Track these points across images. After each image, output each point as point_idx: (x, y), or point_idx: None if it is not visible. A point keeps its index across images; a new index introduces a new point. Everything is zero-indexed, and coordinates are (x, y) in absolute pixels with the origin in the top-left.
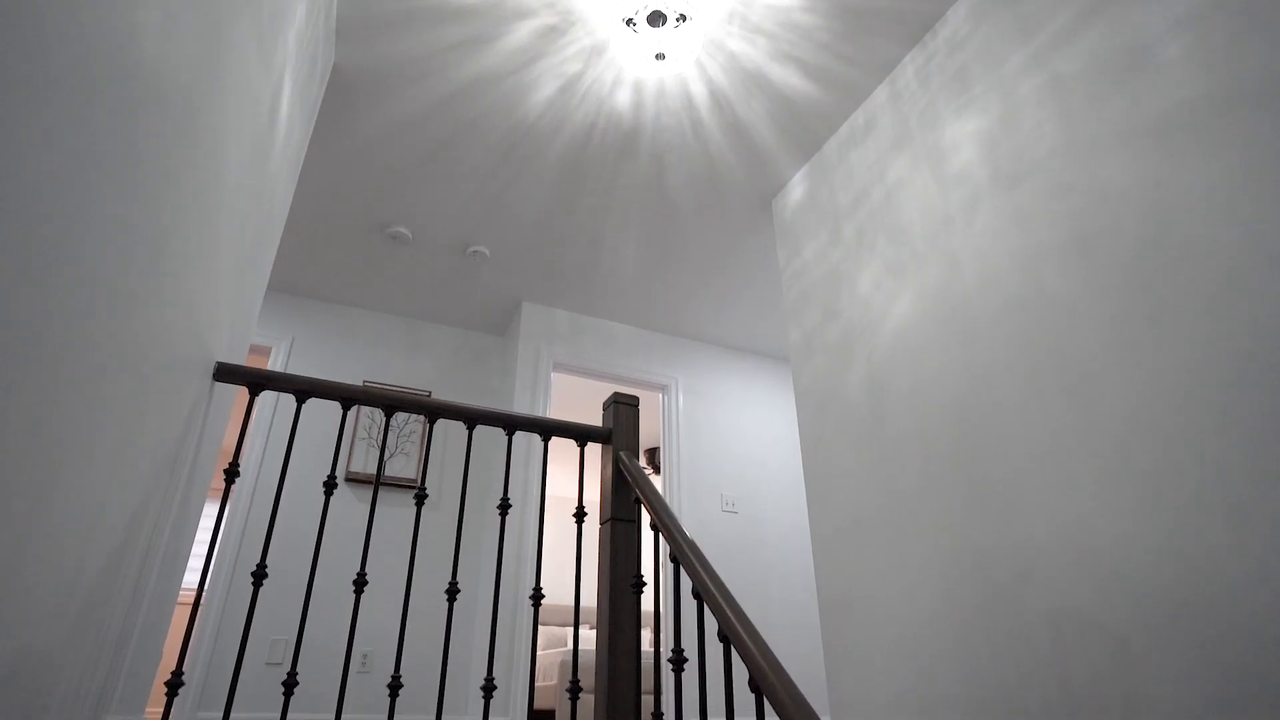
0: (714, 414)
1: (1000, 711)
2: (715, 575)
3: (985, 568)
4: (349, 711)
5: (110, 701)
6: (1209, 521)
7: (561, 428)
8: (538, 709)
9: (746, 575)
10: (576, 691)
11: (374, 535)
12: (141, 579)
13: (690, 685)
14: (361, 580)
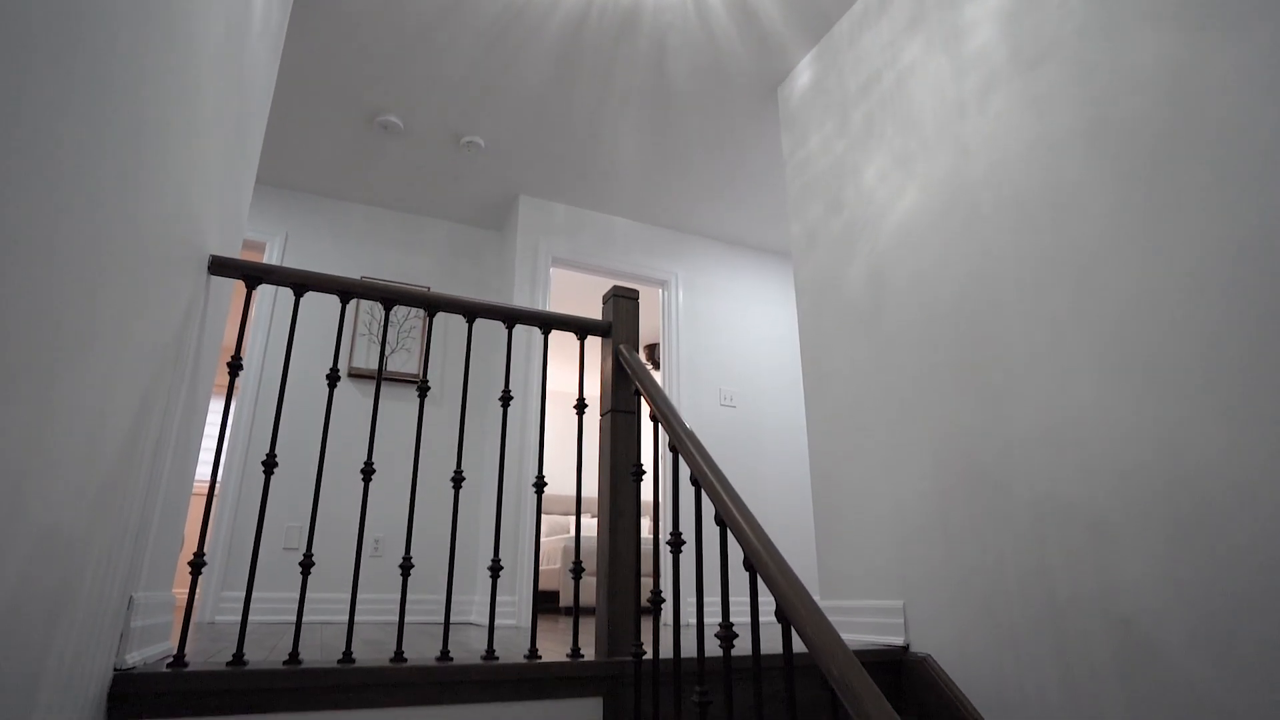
0: (714, 310)
1: (980, 591)
2: (712, 463)
3: (975, 455)
4: (364, 591)
5: (138, 579)
6: (1204, 416)
7: (561, 321)
8: (542, 590)
9: (743, 466)
10: (579, 572)
11: (380, 430)
12: (156, 466)
13: (688, 567)
14: (369, 469)
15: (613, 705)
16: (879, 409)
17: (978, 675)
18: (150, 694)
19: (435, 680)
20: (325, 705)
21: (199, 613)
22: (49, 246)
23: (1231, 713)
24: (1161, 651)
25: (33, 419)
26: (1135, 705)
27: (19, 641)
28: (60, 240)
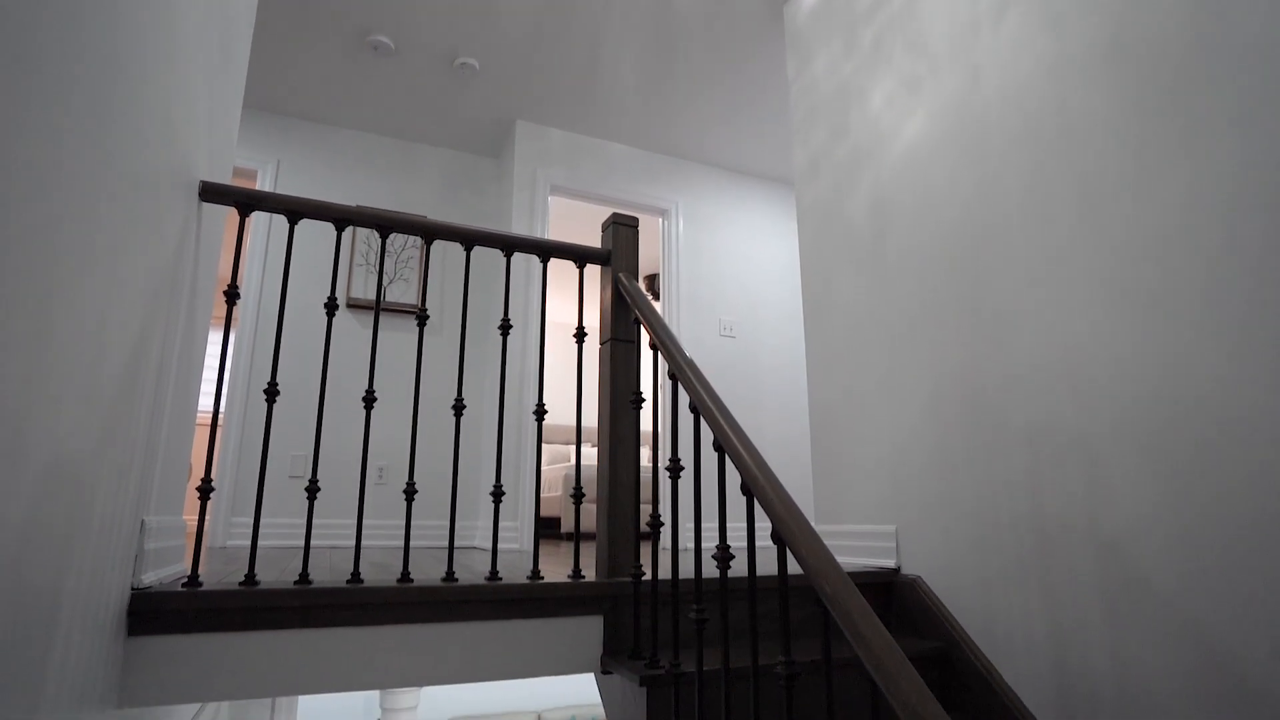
0: (715, 239)
1: (971, 516)
2: (711, 390)
3: (972, 384)
4: (370, 517)
5: (149, 504)
6: (1205, 348)
7: (560, 249)
8: (544, 517)
9: (741, 396)
10: (579, 498)
11: (381, 360)
12: (158, 395)
13: (686, 494)
14: (370, 397)
15: (613, 623)
16: (879, 338)
17: (965, 596)
18: (167, 611)
19: (441, 600)
20: (335, 623)
21: (210, 538)
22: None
23: (1207, 628)
24: (1149, 579)
25: (34, 345)
26: (1117, 628)
27: (38, 561)
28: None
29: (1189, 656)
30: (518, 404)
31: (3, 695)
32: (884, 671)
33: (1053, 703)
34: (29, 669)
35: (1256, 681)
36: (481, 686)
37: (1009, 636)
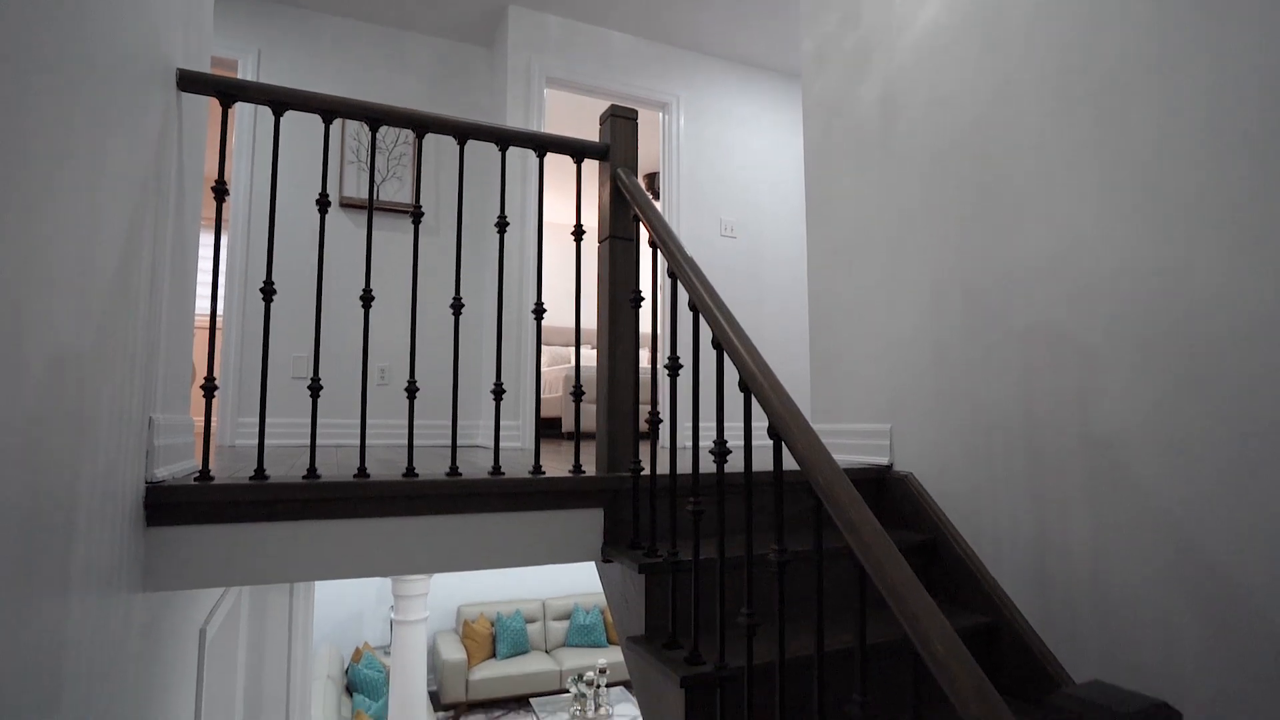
0: (717, 136)
1: (964, 414)
2: (711, 288)
3: (974, 283)
4: (373, 417)
5: (154, 402)
6: (1212, 251)
7: (556, 143)
8: (544, 417)
9: (741, 296)
10: (579, 395)
11: (378, 262)
12: (154, 294)
13: (685, 394)
14: (367, 295)
15: (613, 515)
16: (881, 237)
17: (954, 491)
18: (182, 504)
19: (446, 493)
20: (344, 515)
21: (218, 437)
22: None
23: (1187, 527)
24: (1136, 479)
25: (21, 244)
26: (1100, 523)
27: (52, 452)
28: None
29: (1167, 553)
30: (517, 303)
31: (36, 576)
32: (872, 558)
33: (1031, 590)
34: (57, 554)
35: (1232, 578)
36: (489, 576)
37: (994, 530)
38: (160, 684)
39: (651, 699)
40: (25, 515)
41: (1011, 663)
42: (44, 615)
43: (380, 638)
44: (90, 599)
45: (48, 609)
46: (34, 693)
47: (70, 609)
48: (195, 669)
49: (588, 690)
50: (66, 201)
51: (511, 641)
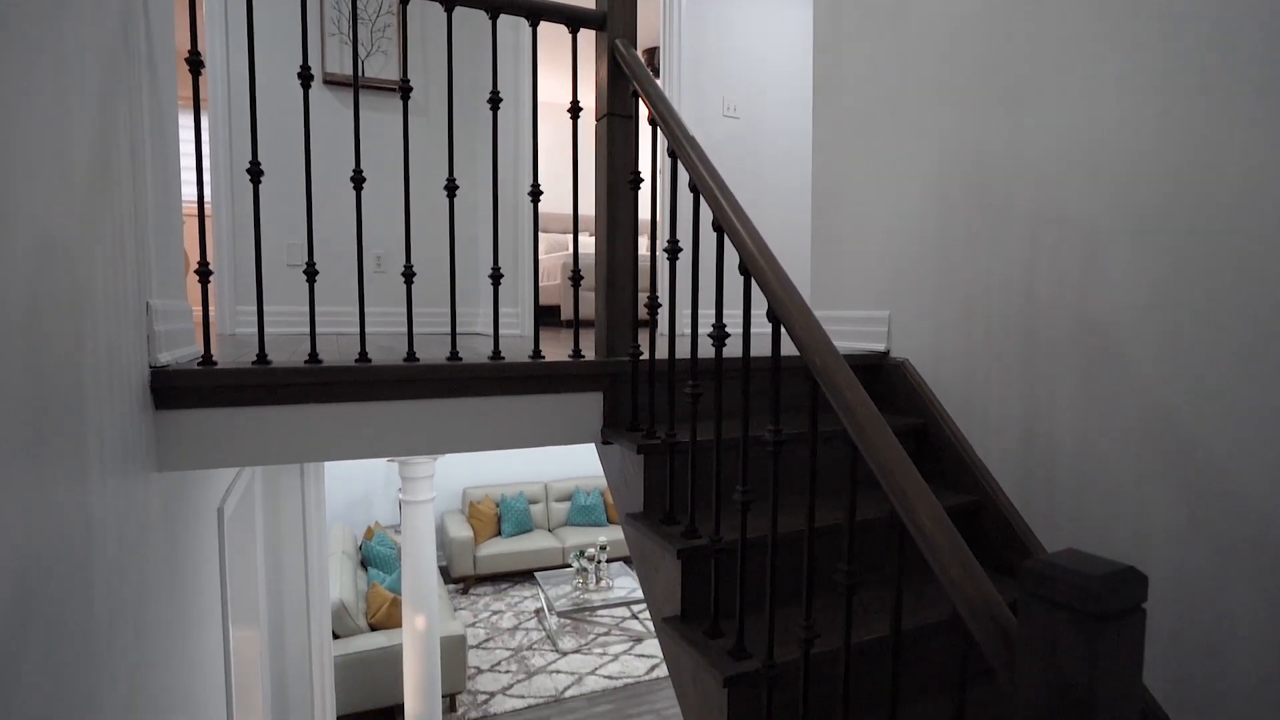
0: (721, 8)
1: (963, 301)
2: (712, 168)
3: (982, 167)
4: (371, 305)
5: (150, 287)
6: (1236, 144)
7: (550, 9)
8: (543, 305)
9: (743, 179)
10: (578, 280)
11: (368, 146)
12: (136, 174)
13: (684, 279)
14: (358, 176)
15: (612, 399)
16: (890, 119)
17: (948, 377)
18: (188, 388)
19: (447, 377)
20: (347, 399)
21: (218, 325)
22: None
23: (1174, 411)
24: (1129, 365)
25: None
26: (1089, 407)
27: (51, 341)
28: None
29: (1151, 436)
30: (512, 186)
31: (52, 456)
32: (865, 438)
33: (1016, 472)
34: (70, 435)
35: (1213, 461)
36: (492, 461)
37: (985, 414)
38: (186, 559)
39: (650, 570)
40: (31, 397)
41: (993, 539)
42: (67, 493)
43: (390, 517)
44: (109, 478)
45: (69, 487)
46: (68, 563)
47: (90, 487)
48: (217, 545)
49: (589, 565)
50: (29, 85)
51: (515, 521)
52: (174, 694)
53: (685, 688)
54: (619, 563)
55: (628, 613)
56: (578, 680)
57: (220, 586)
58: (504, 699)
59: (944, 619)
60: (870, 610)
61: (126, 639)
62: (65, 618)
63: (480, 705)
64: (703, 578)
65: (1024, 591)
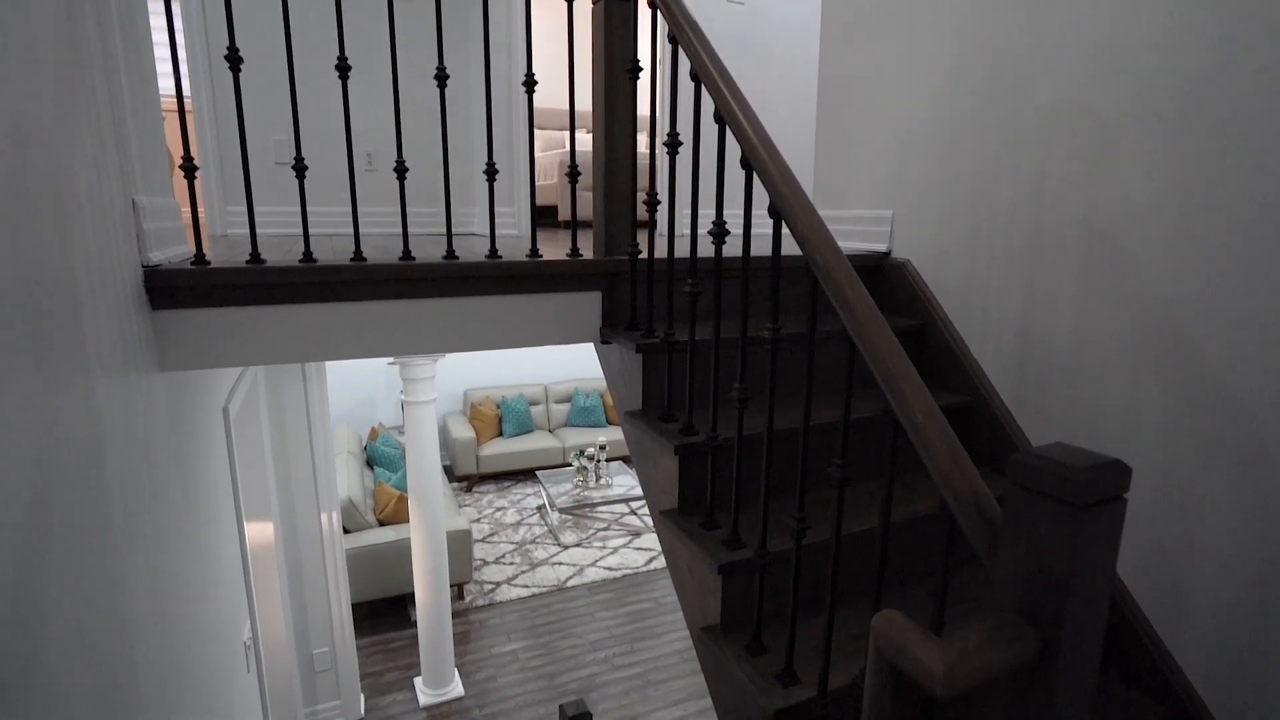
0: None
1: (968, 200)
2: (714, 54)
3: (1000, 58)
4: (364, 205)
5: (134, 183)
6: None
7: None
8: (540, 205)
9: (747, 70)
10: (575, 176)
11: (353, 39)
12: (109, 60)
13: (684, 175)
14: (343, 64)
15: (610, 299)
16: (904, 8)
17: (949, 278)
18: (182, 287)
19: (443, 275)
20: (343, 298)
21: (209, 226)
22: None
23: (1177, 308)
24: (1135, 263)
25: None
26: (1089, 307)
27: (36, 238)
28: None
29: (1150, 339)
30: (506, 79)
31: (53, 356)
32: (863, 334)
33: (1010, 373)
34: (69, 335)
35: (1207, 362)
36: (492, 364)
37: (983, 315)
38: (196, 457)
39: (648, 466)
40: (26, 302)
41: (984, 438)
42: (72, 394)
43: (393, 419)
44: (112, 379)
45: (74, 388)
46: (81, 461)
47: (95, 388)
48: (225, 443)
49: (589, 464)
50: None
51: (516, 422)
52: (194, 583)
53: (682, 576)
54: (618, 462)
55: (626, 509)
56: (579, 571)
57: (231, 483)
58: (509, 588)
59: (931, 512)
60: (861, 504)
61: (145, 532)
62: (83, 513)
63: (487, 594)
64: (699, 473)
65: (1011, 482)
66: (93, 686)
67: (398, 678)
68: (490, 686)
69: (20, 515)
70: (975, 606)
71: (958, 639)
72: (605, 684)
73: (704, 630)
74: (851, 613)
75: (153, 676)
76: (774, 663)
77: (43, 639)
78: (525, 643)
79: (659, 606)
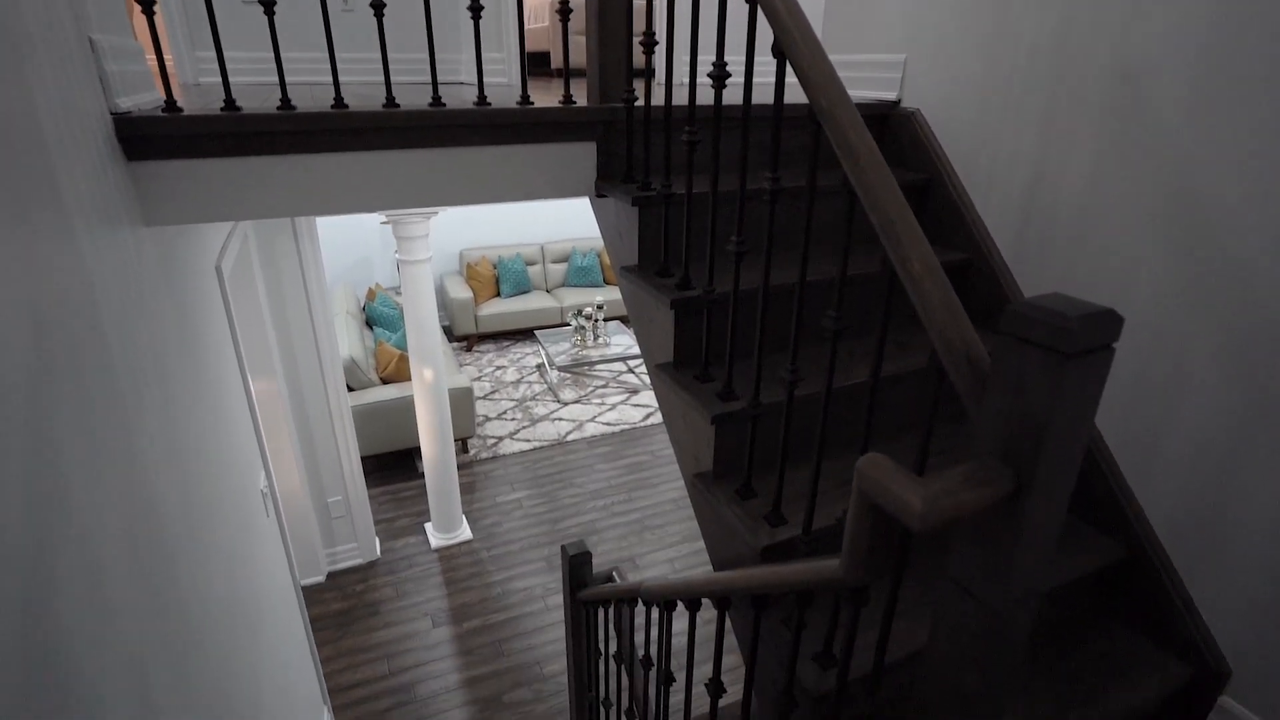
0: None
1: (988, 48)
2: None
3: None
4: (342, 50)
5: (88, 21)
6: None
7: None
8: (531, 52)
9: None
10: (567, 12)
11: None
12: None
13: (682, 17)
14: None
15: (606, 150)
16: None
17: (959, 129)
18: (156, 136)
19: (430, 124)
20: (325, 149)
21: (178, 75)
22: None
23: (1197, 165)
24: (1155, 111)
25: None
26: (1103, 154)
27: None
28: None
29: (1161, 198)
30: None
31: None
32: (865, 181)
33: (1012, 229)
34: (45, 192)
35: (1219, 229)
36: (488, 222)
37: (990, 168)
38: (194, 315)
39: (644, 321)
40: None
41: (981, 293)
42: (58, 251)
43: (390, 279)
44: (97, 234)
45: (59, 246)
46: (77, 319)
47: (80, 245)
48: (222, 302)
49: (586, 323)
50: None
51: (514, 282)
52: (207, 439)
53: (677, 426)
54: (615, 321)
55: (624, 367)
56: (578, 427)
57: (232, 340)
58: (511, 442)
59: (922, 367)
60: (854, 358)
61: (152, 387)
62: (87, 375)
63: (490, 447)
64: (694, 327)
65: (1003, 332)
66: (122, 528)
67: (409, 523)
68: (496, 531)
69: (23, 377)
70: (958, 455)
71: (937, 479)
72: (604, 529)
73: (697, 477)
74: (839, 463)
75: (175, 521)
76: (763, 506)
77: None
78: (528, 492)
79: (655, 459)
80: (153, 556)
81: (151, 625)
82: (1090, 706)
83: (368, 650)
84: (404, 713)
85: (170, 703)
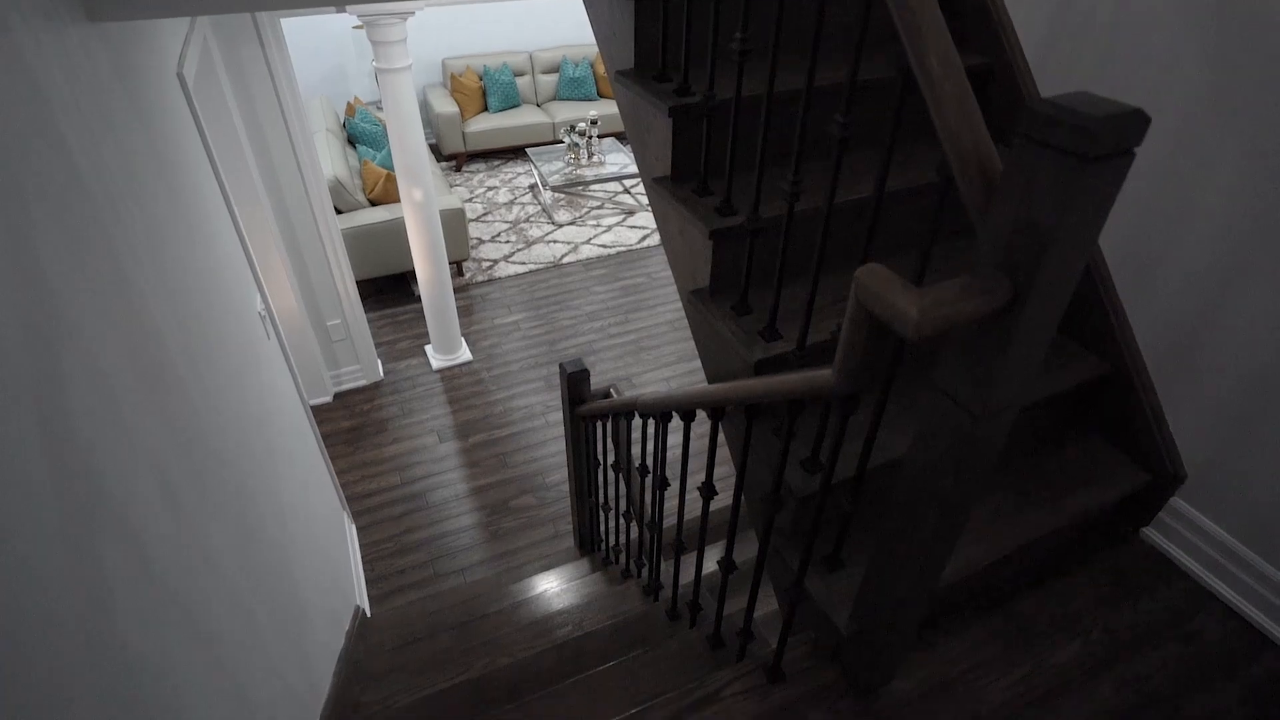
0: None
1: None
2: None
3: None
4: None
5: None
6: None
7: None
8: None
9: None
10: None
11: None
12: None
13: None
14: None
15: None
16: None
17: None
18: None
19: None
20: None
21: None
22: None
23: None
24: None
25: None
26: None
27: None
28: None
29: None
30: None
31: None
32: None
33: (1041, 30)
34: None
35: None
36: (470, 29)
37: None
38: (163, 132)
39: (641, 130)
40: None
41: (997, 105)
42: None
43: (369, 92)
44: (35, 25)
45: None
46: (30, 130)
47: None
48: (189, 113)
49: (580, 140)
50: None
51: (502, 95)
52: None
53: (673, 242)
54: (610, 138)
55: (620, 187)
56: (574, 249)
57: (209, 159)
58: (506, 265)
59: (928, 182)
60: (858, 173)
61: (132, 212)
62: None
63: (485, 270)
64: (694, 137)
65: (1019, 134)
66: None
67: (410, 346)
68: (495, 352)
69: None
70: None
71: (934, 289)
72: (601, 349)
73: (693, 293)
74: (837, 280)
75: (177, 347)
76: (758, 321)
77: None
78: (525, 314)
79: (652, 281)
80: (160, 380)
81: (169, 442)
82: (1047, 506)
83: (379, 464)
84: (419, 517)
85: (195, 504)
